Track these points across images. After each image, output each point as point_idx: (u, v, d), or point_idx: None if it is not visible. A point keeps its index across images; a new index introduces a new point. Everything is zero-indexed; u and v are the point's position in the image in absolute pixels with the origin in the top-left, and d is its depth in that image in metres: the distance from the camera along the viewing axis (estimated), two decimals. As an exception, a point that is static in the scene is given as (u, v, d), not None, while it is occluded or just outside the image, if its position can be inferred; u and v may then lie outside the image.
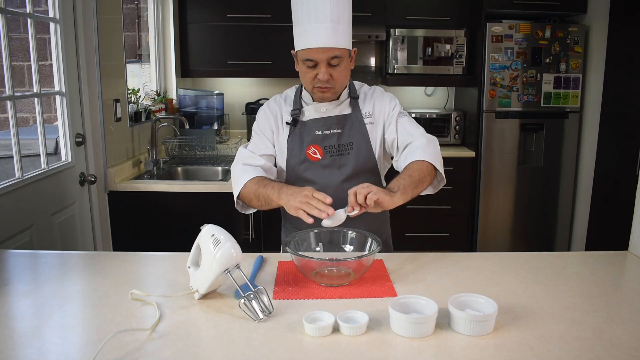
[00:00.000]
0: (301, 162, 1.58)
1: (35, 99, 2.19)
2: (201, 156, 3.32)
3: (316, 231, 1.43)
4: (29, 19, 2.14)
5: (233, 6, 3.51)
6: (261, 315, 1.09)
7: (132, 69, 3.53)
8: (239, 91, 3.98)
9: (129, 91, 2.92)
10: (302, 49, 1.46)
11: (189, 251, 1.25)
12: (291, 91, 1.66)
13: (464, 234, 3.63)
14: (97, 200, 2.59)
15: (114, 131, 2.66)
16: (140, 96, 3.14)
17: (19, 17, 2.75)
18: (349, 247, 1.43)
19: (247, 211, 1.59)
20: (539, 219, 3.61)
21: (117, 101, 2.69)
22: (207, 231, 1.19)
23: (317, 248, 1.43)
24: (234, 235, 1.18)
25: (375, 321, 1.07)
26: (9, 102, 2.01)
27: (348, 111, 1.59)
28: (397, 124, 1.57)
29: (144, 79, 3.60)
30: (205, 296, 1.20)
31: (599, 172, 3.40)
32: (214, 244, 1.14)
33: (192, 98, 3.70)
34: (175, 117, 3.41)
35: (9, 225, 1.95)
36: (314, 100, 1.58)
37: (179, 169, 3.16)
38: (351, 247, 1.42)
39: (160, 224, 2.73)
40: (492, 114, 3.45)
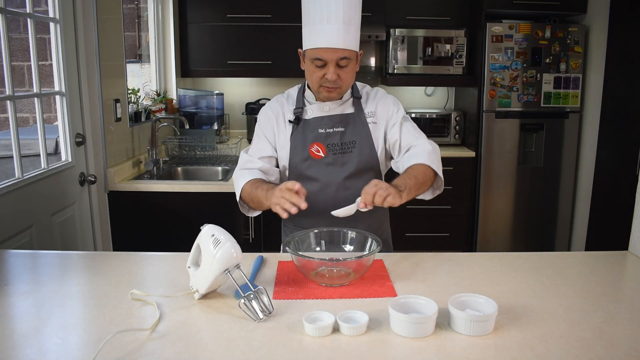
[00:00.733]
0: (304, 160, 1.58)
1: (35, 99, 2.19)
2: (201, 156, 3.32)
3: (316, 231, 1.43)
4: (29, 19, 2.14)
5: (233, 6, 3.51)
6: (261, 315, 1.09)
7: (132, 69, 3.53)
8: (239, 91, 3.98)
9: (129, 91, 2.92)
10: (312, 47, 1.47)
11: (189, 251, 1.25)
12: (294, 90, 1.67)
13: (464, 234, 3.63)
14: (97, 200, 2.59)
15: (114, 131, 2.66)
16: (140, 96, 3.14)
17: (19, 17, 2.75)
18: (349, 247, 1.43)
19: (252, 214, 1.61)
20: (539, 219, 3.61)
21: (117, 101, 2.69)
22: (207, 231, 1.19)
23: (317, 248, 1.43)
24: (234, 235, 1.18)
25: (375, 321, 1.07)
26: (9, 102, 2.00)
27: (351, 110, 1.60)
28: (400, 126, 1.59)
29: (144, 79, 3.60)
30: (205, 296, 1.20)
31: (599, 172, 3.40)
32: (214, 244, 1.14)
33: (192, 98, 3.70)
34: (175, 117, 3.41)
35: (9, 225, 1.95)
36: (317, 100, 1.59)
37: (179, 169, 3.16)
38: (351, 247, 1.43)
39: (160, 224, 2.73)
40: (492, 114, 3.45)
